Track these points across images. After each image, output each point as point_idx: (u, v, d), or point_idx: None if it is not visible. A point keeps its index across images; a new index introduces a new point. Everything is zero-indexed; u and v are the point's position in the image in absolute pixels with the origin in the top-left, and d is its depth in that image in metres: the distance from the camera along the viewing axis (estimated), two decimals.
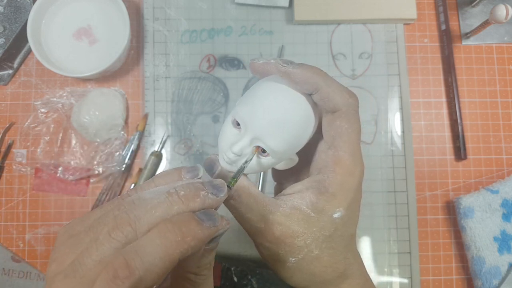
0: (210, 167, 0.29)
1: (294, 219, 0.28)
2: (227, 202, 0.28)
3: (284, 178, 0.34)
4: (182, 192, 0.23)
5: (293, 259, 0.29)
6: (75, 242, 0.22)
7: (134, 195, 0.24)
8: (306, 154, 0.31)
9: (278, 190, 0.33)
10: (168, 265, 0.21)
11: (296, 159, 0.30)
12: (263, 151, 0.27)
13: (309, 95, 0.28)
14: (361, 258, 0.32)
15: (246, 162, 0.27)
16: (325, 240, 0.29)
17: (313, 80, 0.27)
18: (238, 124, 0.28)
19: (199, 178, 0.26)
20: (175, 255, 0.21)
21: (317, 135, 0.30)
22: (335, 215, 0.28)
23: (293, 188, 0.29)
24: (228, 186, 0.26)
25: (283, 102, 0.27)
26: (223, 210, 0.28)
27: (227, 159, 0.28)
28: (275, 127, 0.27)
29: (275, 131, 0.27)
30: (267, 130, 0.27)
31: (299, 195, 0.29)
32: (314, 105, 0.29)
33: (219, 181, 0.25)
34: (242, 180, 0.28)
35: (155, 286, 0.21)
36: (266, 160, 0.28)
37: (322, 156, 0.30)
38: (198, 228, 0.22)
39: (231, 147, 0.27)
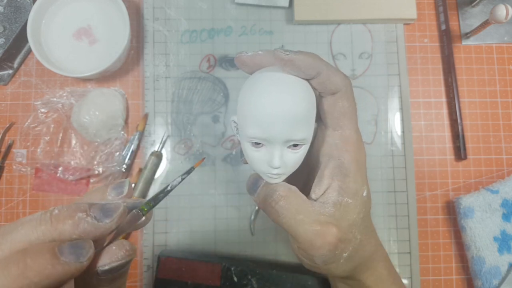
0: (255, 183, 0.29)
1: (339, 214, 0.28)
2: (276, 205, 0.28)
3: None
4: (56, 211, 0.21)
5: (346, 254, 0.29)
6: None
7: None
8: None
9: None
10: None
11: (315, 124, 0.30)
12: (295, 145, 0.27)
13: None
14: None
15: (169, 186, 0.26)
16: (361, 223, 0.30)
17: (315, 64, 0.27)
18: (258, 143, 0.27)
19: (125, 195, 0.24)
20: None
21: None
22: (364, 193, 0.29)
23: (320, 185, 0.29)
24: (139, 211, 0.23)
25: (288, 92, 0.26)
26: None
27: (274, 176, 0.28)
28: (295, 121, 0.26)
29: (297, 123, 0.26)
30: (290, 129, 0.26)
31: (331, 189, 0.29)
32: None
33: (113, 204, 0.22)
34: (288, 185, 0.28)
35: None
36: (302, 151, 0.28)
37: (328, 140, 0.30)
38: (49, 263, 0.19)
39: (270, 164, 0.27)
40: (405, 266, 0.55)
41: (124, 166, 0.55)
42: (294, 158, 0.28)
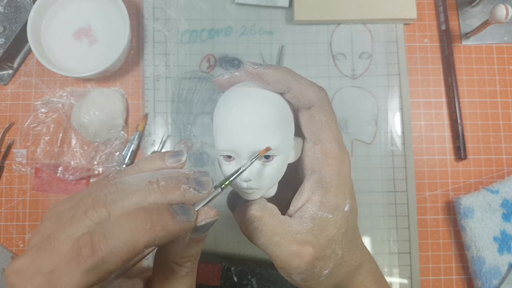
0: (233, 200, 0.29)
1: (317, 230, 0.28)
2: (250, 225, 0.28)
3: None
4: (163, 182, 0.23)
5: (326, 271, 0.29)
6: (58, 218, 0.23)
7: (118, 179, 0.24)
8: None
9: (276, 204, 0.32)
10: (133, 250, 0.21)
11: (300, 142, 0.30)
12: (266, 157, 0.27)
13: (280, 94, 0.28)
14: None
15: (249, 163, 0.26)
16: (343, 238, 0.29)
17: (284, 79, 0.27)
18: (230, 156, 0.27)
19: (183, 162, 0.26)
20: (140, 242, 0.21)
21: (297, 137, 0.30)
22: (346, 208, 0.29)
23: (299, 198, 0.29)
24: (219, 186, 0.25)
25: (254, 104, 0.26)
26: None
27: (248, 190, 0.27)
28: (261, 132, 0.26)
29: (263, 135, 0.26)
30: (256, 140, 0.26)
31: (310, 202, 0.28)
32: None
33: (206, 178, 0.24)
34: (264, 203, 0.28)
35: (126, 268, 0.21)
36: (275, 164, 0.27)
37: (309, 154, 0.30)
38: (170, 220, 0.22)
39: (240, 177, 0.27)
40: (405, 266, 0.55)
41: (124, 166, 0.55)
42: (268, 171, 0.27)
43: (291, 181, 0.32)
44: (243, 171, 0.26)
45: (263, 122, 0.26)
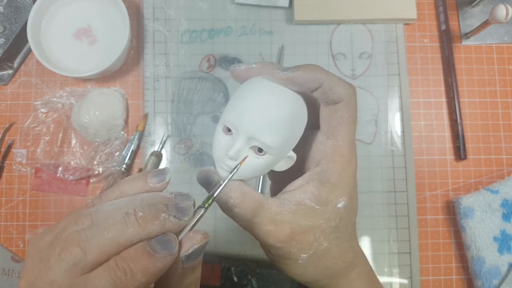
0: (206, 180, 0.28)
1: (301, 214, 0.28)
2: (230, 212, 0.28)
3: (280, 175, 0.34)
4: (141, 214, 0.22)
5: (305, 255, 0.29)
6: (38, 259, 0.22)
7: (93, 208, 0.23)
8: (301, 150, 0.31)
9: (276, 189, 0.33)
10: None
11: (294, 156, 0.30)
12: (260, 150, 0.27)
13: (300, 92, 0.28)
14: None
15: (231, 174, 0.26)
16: (332, 232, 0.29)
17: (314, 77, 0.27)
18: (229, 130, 0.27)
19: (167, 182, 0.25)
20: None
21: (310, 132, 0.30)
22: (339, 205, 0.29)
23: (294, 184, 0.29)
24: (202, 207, 0.25)
25: (273, 97, 0.27)
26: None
27: (225, 167, 0.27)
28: (268, 122, 0.26)
29: (269, 126, 0.26)
30: (260, 127, 0.26)
31: (301, 189, 0.29)
32: (303, 99, 0.29)
33: (187, 203, 0.24)
34: (242, 186, 0.28)
35: None
36: (263, 160, 0.27)
37: (320, 147, 0.30)
38: (149, 262, 0.21)
39: (227, 153, 0.27)
40: (405, 266, 0.55)
41: (124, 166, 0.55)
42: (254, 163, 0.27)
43: (297, 173, 0.32)
44: (225, 184, 0.26)
45: (274, 120, 0.27)
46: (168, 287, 0.25)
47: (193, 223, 0.24)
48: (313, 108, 0.30)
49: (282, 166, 0.30)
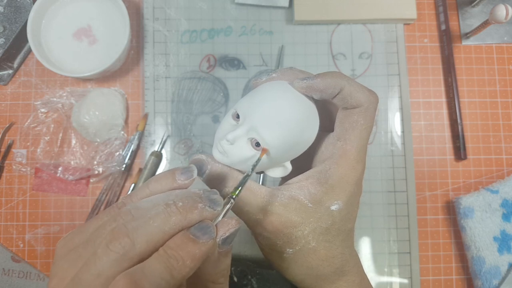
0: (198, 167, 0.28)
1: (292, 208, 0.28)
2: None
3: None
4: (180, 203, 0.23)
5: (291, 250, 0.29)
6: (74, 257, 0.22)
7: (130, 205, 0.24)
8: (311, 147, 0.31)
9: (282, 183, 0.33)
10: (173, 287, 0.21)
11: (290, 168, 0.30)
12: (257, 144, 0.27)
13: (314, 101, 0.29)
14: (358, 257, 0.33)
15: (252, 168, 0.27)
16: (322, 233, 0.29)
17: (335, 83, 0.28)
18: (238, 117, 0.28)
19: (194, 178, 0.26)
20: (177, 280, 0.22)
21: (322, 133, 0.30)
22: (333, 207, 0.29)
23: (294, 178, 0.30)
24: (231, 197, 0.26)
25: (288, 101, 0.28)
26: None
27: (220, 149, 0.28)
28: (272, 119, 0.27)
29: (272, 123, 0.27)
30: (265, 121, 0.27)
31: (298, 185, 0.29)
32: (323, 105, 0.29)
33: (216, 196, 0.25)
34: (237, 175, 0.29)
35: None
36: (255, 155, 0.28)
37: (329, 147, 0.30)
38: (196, 248, 0.22)
39: (226, 135, 0.27)
40: (405, 266, 0.55)
41: (124, 166, 0.55)
42: (245, 153, 0.28)
43: (304, 169, 0.32)
44: (250, 175, 0.27)
45: (281, 121, 0.27)
46: (205, 271, 0.26)
47: (224, 213, 0.25)
48: (331, 112, 0.31)
49: (276, 172, 0.30)
